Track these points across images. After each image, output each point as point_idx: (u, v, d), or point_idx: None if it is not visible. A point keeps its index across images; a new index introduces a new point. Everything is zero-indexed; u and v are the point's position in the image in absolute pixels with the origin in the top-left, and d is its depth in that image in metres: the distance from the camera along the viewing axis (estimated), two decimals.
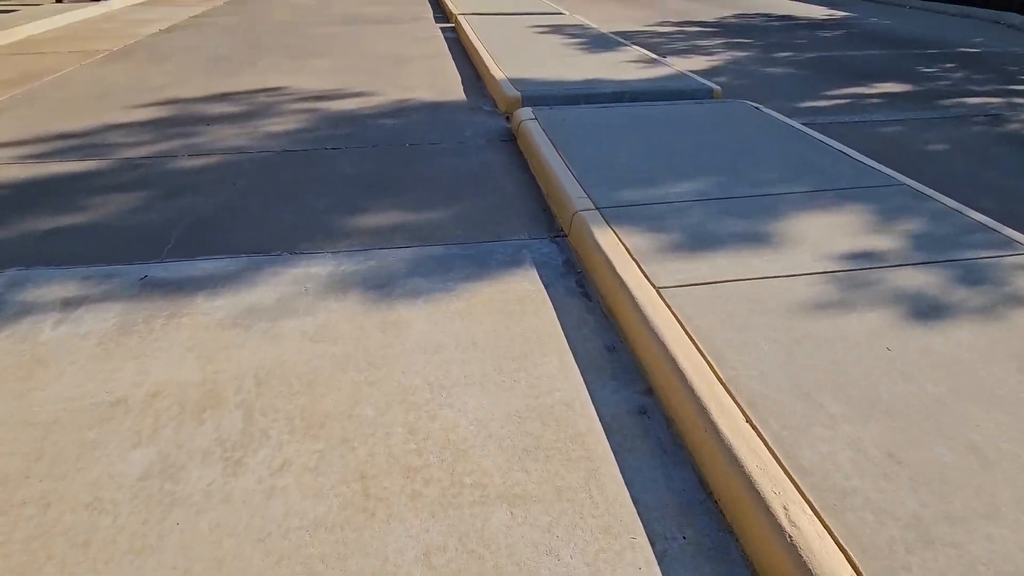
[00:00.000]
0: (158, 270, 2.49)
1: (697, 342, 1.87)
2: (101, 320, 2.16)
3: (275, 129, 4.18)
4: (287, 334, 2.11)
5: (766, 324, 1.96)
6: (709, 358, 1.80)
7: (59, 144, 3.80)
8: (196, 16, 8.96)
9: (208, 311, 2.22)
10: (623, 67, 5.61)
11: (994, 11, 11.00)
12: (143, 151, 3.71)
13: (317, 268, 2.53)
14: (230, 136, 4.01)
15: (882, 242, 2.48)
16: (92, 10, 8.90)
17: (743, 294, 2.12)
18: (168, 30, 7.76)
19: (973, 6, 12.19)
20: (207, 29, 7.87)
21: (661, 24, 9.44)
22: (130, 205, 3.03)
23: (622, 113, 4.22)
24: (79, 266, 2.51)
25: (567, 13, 9.24)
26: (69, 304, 2.25)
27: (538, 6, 9.92)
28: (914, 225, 2.63)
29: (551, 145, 3.54)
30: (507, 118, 4.59)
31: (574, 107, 4.36)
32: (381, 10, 10.06)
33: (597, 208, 2.77)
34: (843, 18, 10.66)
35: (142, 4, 10.13)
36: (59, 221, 2.87)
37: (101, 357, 1.97)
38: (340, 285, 2.41)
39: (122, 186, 3.23)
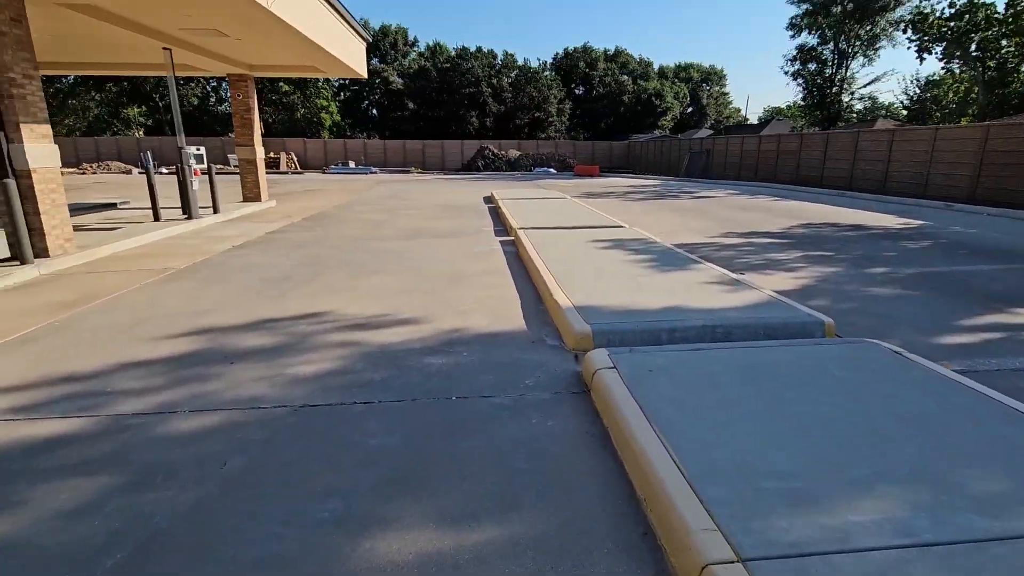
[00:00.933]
0: None
1: None
2: None
3: (303, 371, 3.61)
4: None
5: None
6: None
7: (54, 392, 3.31)
8: (272, 232, 9.64)
9: None
10: (703, 291, 5.02)
11: None
12: (141, 404, 3.14)
13: None
14: (249, 381, 3.44)
15: None
16: (183, 227, 9.79)
17: None
18: (241, 246, 8.19)
19: None
20: (277, 245, 8.27)
21: (725, 236, 9.28)
22: (76, 502, 2.28)
23: (724, 360, 3.40)
24: None
25: (626, 226, 9.32)
26: None
27: (596, 219, 10.17)
28: None
29: (642, 417, 2.68)
30: (576, 356, 3.88)
31: (659, 350, 3.60)
32: (444, 224, 10.61)
33: (740, 560, 1.74)
34: (920, 227, 10.27)
35: (229, 220, 11.21)
36: None
37: None
38: None
39: (86, 465, 2.54)
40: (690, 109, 57.95)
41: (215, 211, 11.46)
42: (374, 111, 50.45)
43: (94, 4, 7.14)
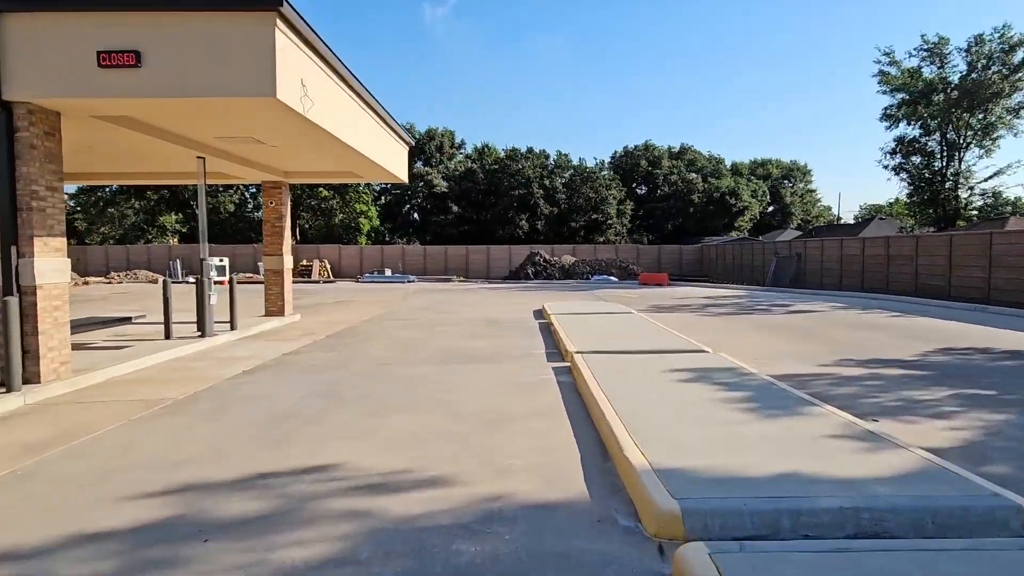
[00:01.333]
0: None
1: None
2: None
3: (293, 557, 3.12)
4: None
5: None
6: None
7: None
8: (289, 353, 9.62)
9: None
10: (828, 448, 4.31)
11: None
12: None
13: None
14: (221, 572, 2.99)
15: None
16: (193, 347, 9.96)
17: None
18: (250, 371, 8.12)
19: None
20: (291, 371, 8.15)
21: (839, 364, 8.48)
22: None
23: None
24: None
25: (710, 350, 8.73)
26: None
27: (671, 341, 9.63)
28: None
29: None
30: (660, 548, 3.23)
31: (785, 550, 2.92)
32: (486, 344, 10.34)
33: None
34: None
35: (245, 338, 11.39)
36: None
37: None
38: None
39: None
40: (771, 208, 58.44)
41: (232, 327, 11.73)
42: (415, 215, 53.65)
43: (131, 116, 7.92)
